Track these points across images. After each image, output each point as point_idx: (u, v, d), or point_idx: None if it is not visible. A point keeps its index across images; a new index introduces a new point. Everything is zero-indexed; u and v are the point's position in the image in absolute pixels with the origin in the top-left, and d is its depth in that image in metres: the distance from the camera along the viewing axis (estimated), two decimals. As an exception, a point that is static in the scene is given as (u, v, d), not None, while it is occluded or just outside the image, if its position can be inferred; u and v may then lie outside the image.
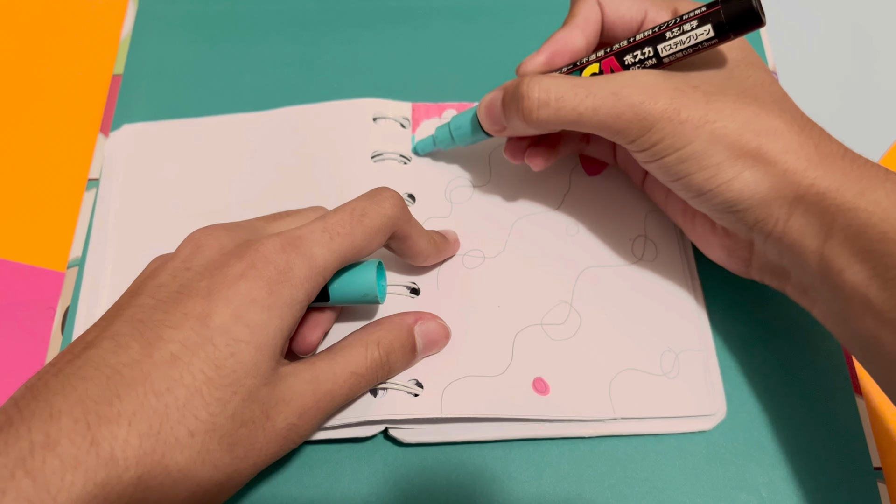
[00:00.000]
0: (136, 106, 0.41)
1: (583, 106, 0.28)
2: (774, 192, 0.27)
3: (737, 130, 0.27)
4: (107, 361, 0.23)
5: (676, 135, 0.27)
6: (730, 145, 0.27)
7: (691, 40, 0.28)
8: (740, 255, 0.31)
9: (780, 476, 0.31)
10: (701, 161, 0.27)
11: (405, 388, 0.31)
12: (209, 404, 0.24)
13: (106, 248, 0.36)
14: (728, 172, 0.27)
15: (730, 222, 0.29)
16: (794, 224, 0.27)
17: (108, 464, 0.22)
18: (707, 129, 0.27)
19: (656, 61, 0.29)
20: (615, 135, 0.29)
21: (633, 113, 0.27)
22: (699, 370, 0.33)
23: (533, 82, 0.29)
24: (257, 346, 0.25)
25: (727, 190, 0.27)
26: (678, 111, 0.27)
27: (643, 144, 0.28)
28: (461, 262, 0.35)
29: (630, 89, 0.28)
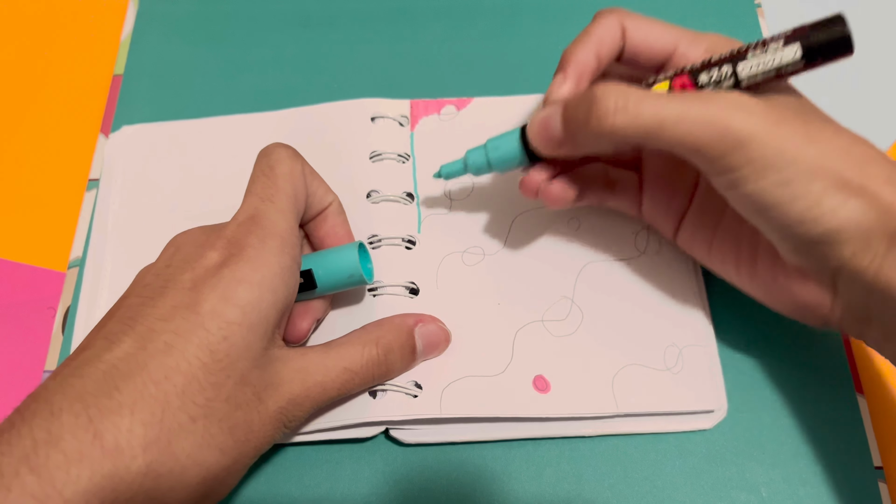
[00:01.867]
0: (136, 106, 0.41)
1: (666, 111, 0.25)
2: (878, 224, 0.24)
3: (840, 157, 0.24)
4: (102, 358, 0.24)
5: (776, 156, 0.24)
6: (834, 172, 0.24)
7: (775, 61, 0.25)
8: (820, 303, 0.27)
9: (780, 476, 0.31)
10: (802, 186, 0.24)
11: (404, 390, 0.31)
12: (205, 389, 0.24)
13: (106, 249, 0.36)
14: (833, 200, 0.24)
15: (816, 261, 0.26)
16: (891, 261, 0.24)
17: (114, 454, 0.22)
18: (811, 153, 0.24)
19: (734, 82, 0.26)
20: (697, 151, 0.25)
21: (725, 125, 0.24)
22: (703, 366, 0.33)
23: (608, 87, 0.26)
24: (249, 327, 0.25)
25: (831, 220, 0.24)
26: (778, 128, 0.24)
27: (731, 165, 0.25)
28: (461, 260, 0.35)
29: (720, 100, 0.25)
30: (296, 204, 0.29)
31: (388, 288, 0.34)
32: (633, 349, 0.33)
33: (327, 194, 0.32)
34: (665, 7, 0.44)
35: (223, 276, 0.25)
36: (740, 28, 0.43)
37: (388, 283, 0.34)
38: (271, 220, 0.27)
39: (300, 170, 0.30)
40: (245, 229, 0.27)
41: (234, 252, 0.26)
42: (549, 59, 0.42)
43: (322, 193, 0.31)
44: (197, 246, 0.27)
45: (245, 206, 0.28)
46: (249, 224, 0.27)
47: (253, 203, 0.28)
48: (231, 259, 0.26)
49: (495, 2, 0.44)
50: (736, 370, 0.33)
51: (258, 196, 0.28)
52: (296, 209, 0.29)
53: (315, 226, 0.32)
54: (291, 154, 0.30)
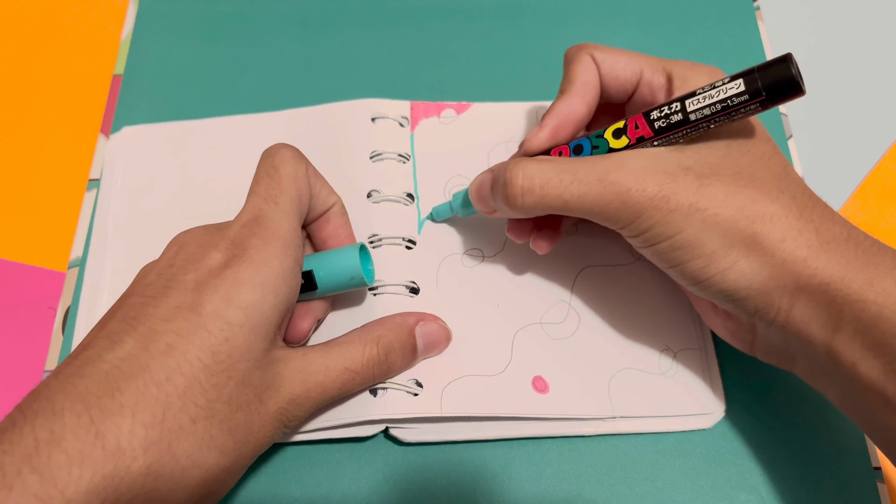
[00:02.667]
0: (136, 106, 0.41)
1: (568, 193, 0.27)
2: (774, 282, 0.26)
3: (730, 218, 0.26)
4: (104, 358, 0.24)
5: (666, 223, 0.26)
6: (723, 233, 0.26)
7: (719, 96, 0.26)
8: (744, 338, 0.29)
9: (780, 476, 0.31)
10: (693, 250, 0.26)
11: (405, 388, 0.31)
12: (206, 391, 0.24)
13: (106, 249, 0.36)
14: (722, 262, 0.26)
15: (731, 308, 0.28)
16: (797, 314, 0.26)
17: (115, 455, 0.22)
18: (698, 217, 0.26)
19: (682, 117, 0.27)
20: (604, 221, 0.28)
21: (620, 201, 0.26)
22: (698, 369, 0.33)
23: (517, 168, 0.28)
24: (251, 328, 0.25)
25: (722, 280, 0.26)
26: (667, 198, 0.26)
27: (634, 231, 0.27)
28: (461, 261, 0.35)
29: (617, 174, 0.27)
30: (299, 205, 0.29)
31: (388, 287, 0.34)
32: (629, 353, 0.33)
33: (330, 196, 0.32)
34: (664, 12, 0.44)
35: (226, 277, 0.25)
36: (739, 31, 0.43)
37: (389, 283, 0.34)
38: (274, 222, 0.27)
39: (304, 171, 0.30)
40: (248, 230, 0.27)
41: (237, 253, 0.26)
42: (549, 61, 0.42)
43: (325, 195, 0.31)
44: (200, 246, 0.27)
45: (248, 207, 0.28)
46: (253, 225, 0.27)
47: (256, 204, 0.28)
48: (234, 260, 0.26)
49: (495, 3, 0.44)
50: (736, 371, 0.33)
51: (262, 197, 0.28)
52: (299, 210, 0.29)
53: (317, 227, 0.32)
54: (296, 155, 0.30)
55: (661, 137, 0.27)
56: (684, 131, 0.27)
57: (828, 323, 0.25)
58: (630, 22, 0.44)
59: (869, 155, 0.41)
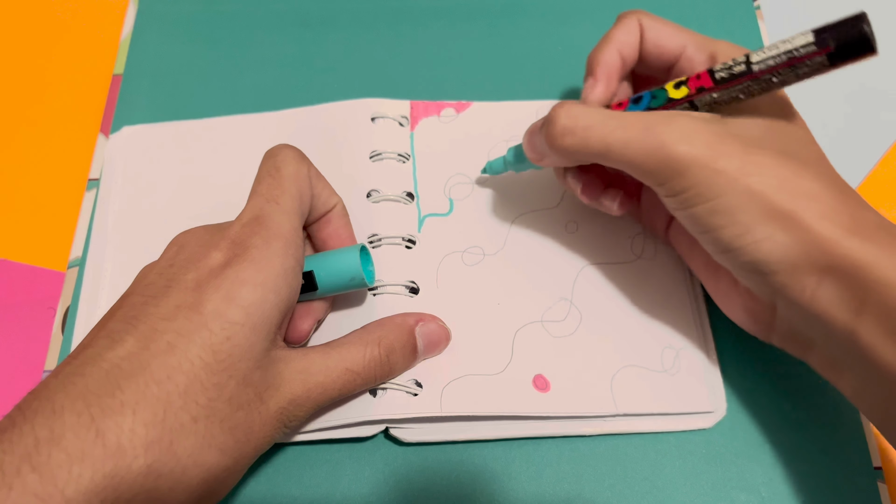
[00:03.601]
0: (136, 106, 0.41)
1: (612, 137, 0.27)
2: (805, 259, 0.25)
3: (774, 188, 0.25)
4: (104, 357, 0.24)
5: (710, 184, 0.26)
6: (765, 203, 0.25)
7: (787, 45, 0.25)
8: (763, 319, 0.29)
9: (780, 476, 0.31)
10: (733, 216, 0.26)
11: (404, 388, 0.31)
12: (207, 389, 0.24)
13: (106, 250, 0.36)
14: (759, 232, 0.25)
15: (754, 283, 0.27)
16: (823, 294, 0.25)
17: (116, 454, 0.22)
18: (743, 183, 0.25)
19: (745, 68, 0.26)
20: (644, 175, 0.27)
21: (666, 153, 0.26)
22: (700, 367, 0.33)
23: (562, 107, 0.28)
24: (252, 327, 0.25)
25: (756, 250, 0.26)
26: (715, 158, 0.25)
27: (673, 189, 0.26)
28: (461, 260, 0.35)
29: (665, 127, 0.26)
30: (300, 206, 0.29)
31: (388, 287, 0.34)
32: (631, 351, 0.33)
33: (332, 196, 0.32)
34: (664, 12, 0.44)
35: (227, 276, 0.25)
36: (739, 30, 0.43)
37: (389, 283, 0.34)
38: (276, 222, 0.27)
39: (306, 171, 0.30)
40: (249, 230, 0.27)
41: (238, 253, 0.26)
42: (549, 61, 0.42)
43: (326, 196, 0.31)
44: (201, 245, 0.27)
45: (250, 207, 0.28)
46: (254, 225, 0.27)
47: (258, 204, 0.28)
48: (235, 260, 0.26)
49: (495, 2, 0.44)
50: (736, 371, 0.33)
51: (263, 197, 0.28)
52: (300, 211, 0.29)
53: (318, 227, 0.32)
54: (298, 156, 0.30)
55: (722, 88, 0.27)
56: (745, 83, 0.27)
57: (852, 305, 0.25)
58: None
59: (869, 155, 0.41)
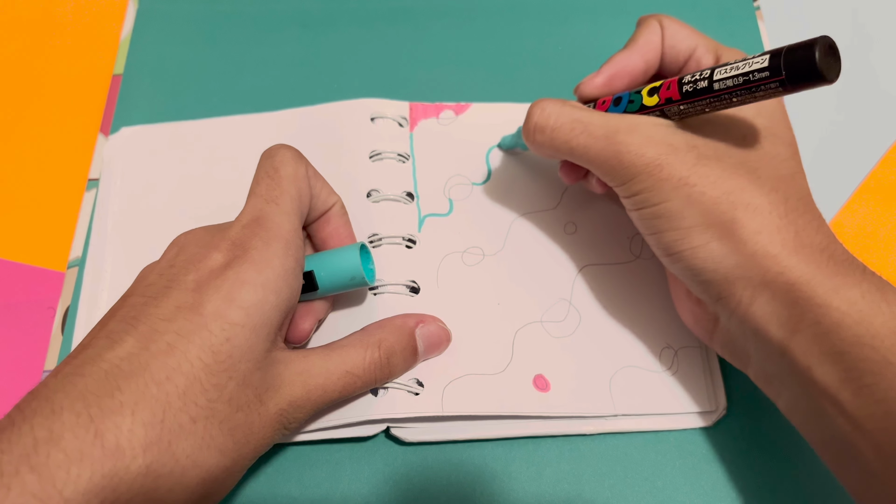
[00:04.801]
0: (136, 106, 0.41)
1: (574, 142, 0.29)
2: (740, 271, 0.26)
3: (715, 198, 0.26)
4: (104, 357, 0.23)
5: (655, 189, 0.27)
6: (704, 211, 0.26)
7: (742, 68, 0.25)
8: (705, 326, 0.30)
9: (780, 476, 0.31)
10: (672, 221, 0.27)
11: (406, 388, 0.31)
12: (207, 390, 0.24)
13: (105, 250, 0.36)
14: (696, 239, 0.27)
15: (697, 290, 0.28)
16: (757, 309, 0.26)
17: (115, 454, 0.22)
18: (685, 191, 0.27)
19: (707, 84, 0.27)
20: (603, 175, 0.29)
21: (619, 160, 0.28)
22: (698, 367, 0.33)
23: (539, 105, 0.30)
24: (252, 328, 0.25)
25: (692, 257, 0.27)
26: (661, 167, 0.27)
27: (626, 191, 0.28)
28: (461, 260, 0.35)
29: (624, 135, 0.28)
30: (300, 206, 0.29)
31: (388, 287, 0.34)
32: (630, 351, 0.33)
33: (330, 196, 0.32)
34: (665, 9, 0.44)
35: (227, 277, 0.25)
36: (739, 30, 0.44)
37: (389, 282, 0.34)
38: (275, 223, 0.27)
39: (304, 171, 0.30)
40: (249, 231, 0.27)
41: (238, 254, 0.26)
42: (549, 61, 0.42)
43: (325, 195, 0.31)
44: (201, 246, 0.27)
45: (249, 208, 0.28)
46: (254, 226, 0.27)
47: (257, 205, 0.28)
48: (235, 261, 0.26)
49: (495, 3, 0.44)
50: (736, 370, 0.33)
51: (262, 198, 0.28)
52: (300, 211, 0.29)
53: (318, 227, 0.32)
54: (296, 156, 0.30)
55: (687, 102, 0.28)
56: (708, 100, 0.27)
57: (787, 323, 0.25)
58: (630, 22, 0.43)
59: (869, 155, 0.41)
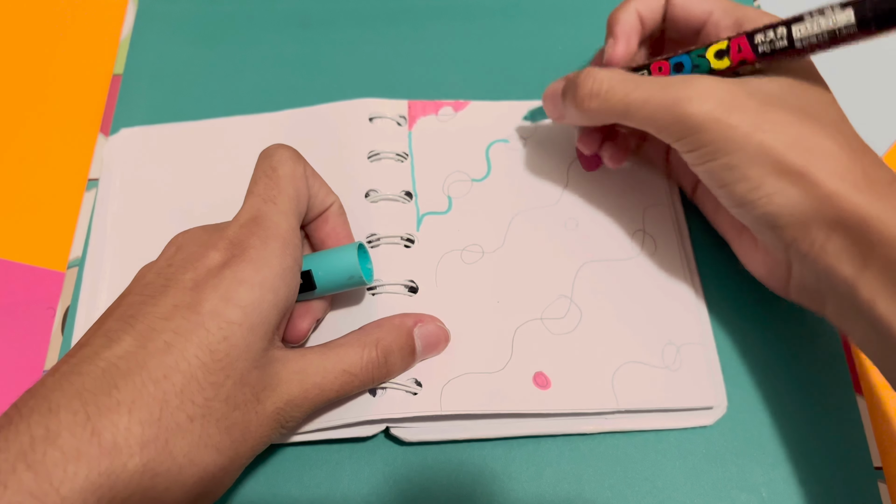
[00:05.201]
0: (136, 106, 0.41)
1: (632, 97, 0.29)
2: (815, 213, 0.26)
3: (786, 144, 0.26)
4: (101, 356, 0.24)
5: (724, 140, 0.27)
6: (777, 159, 0.26)
7: (828, 24, 0.25)
8: (779, 275, 0.30)
9: (780, 476, 0.31)
10: (745, 171, 0.27)
11: (404, 387, 0.31)
12: (204, 389, 0.24)
13: (105, 250, 0.36)
14: (770, 186, 0.27)
15: (769, 238, 0.28)
16: (830, 248, 0.26)
17: (112, 452, 0.22)
18: (756, 139, 0.26)
19: (787, 44, 0.26)
20: (662, 131, 0.29)
21: (681, 110, 0.27)
22: (701, 363, 0.33)
23: (588, 73, 0.30)
24: (250, 327, 0.25)
25: (767, 204, 0.27)
26: (728, 115, 0.27)
27: (690, 145, 0.28)
28: (460, 258, 0.35)
29: (682, 86, 0.28)
30: (297, 205, 0.29)
31: (387, 286, 0.34)
32: (632, 347, 0.33)
33: (328, 195, 0.32)
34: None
35: (225, 276, 0.25)
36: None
37: (388, 282, 0.34)
38: (273, 222, 0.27)
39: (302, 171, 0.30)
40: (247, 230, 0.27)
41: (236, 253, 0.26)
42: (548, 60, 0.42)
43: (323, 195, 0.31)
44: (199, 245, 0.27)
45: (247, 207, 0.28)
46: (251, 225, 0.27)
47: (255, 204, 0.28)
48: (233, 260, 0.26)
49: (495, 3, 0.44)
50: (736, 370, 0.33)
51: (260, 197, 0.28)
52: (297, 210, 0.29)
53: (316, 227, 0.32)
54: (293, 155, 0.30)
55: (765, 61, 0.27)
56: (785, 56, 0.27)
57: (857, 258, 0.26)
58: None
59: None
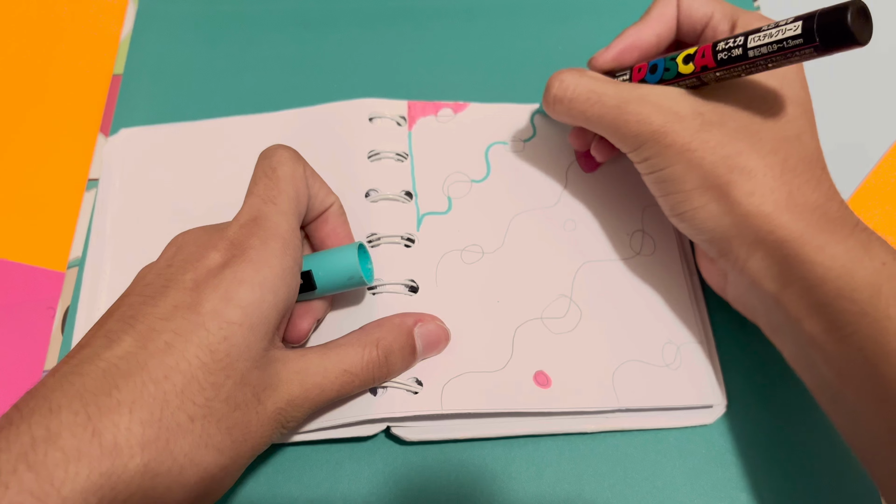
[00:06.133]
0: (136, 106, 0.41)
1: (590, 112, 0.31)
2: (735, 230, 0.28)
3: (712, 163, 0.28)
4: (102, 356, 0.24)
5: (661, 155, 0.29)
6: (703, 175, 0.28)
7: (776, 36, 0.26)
8: (717, 281, 0.32)
9: (780, 476, 0.31)
10: (676, 184, 0.29)
11: (405, 387, 0.31)
12: (205, 389, 0.24)
13: (104, 250, 0.36)
14: (696, 201, 0.29)
15: (704, 248, 0.30)
16: (752, 265, 0.28)
17: (113, 453, 0.22)
18: (686, 157, 0.28)
19: (741, 52, 0.27)
20: (616, 142, 0.31)
21: (628, 128, 0.30)
22: (701, 362, 0.33)
23: (558, 76, 0.32)
24: (250, 327, 0.25)
25: (693, 217, 0.29)
26: (666, 134, 0.29)
27: (637, 157, 0.30)
28: (460, 258, 0.35)
29: (634, 105, 0.30)
30: (297, 205, 0.29)
31: (387, 286, 0.34)
32: (632, 346, 0.33)
33: (328, 196, 0.32)
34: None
35: (225, 276, 0.25)
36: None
37: (388, 282, 0.34)
38: (273, 222, 0.27)
39: (302, 172, 0.30)
40: (247, 230, 0.27)
41: (236, 253, 0.26)
42: (547, 61, 0.42)
43: (323, 195, 0.31)
44: (199, 246, 0.27)
45: (247, 208, 0.28)
46: (252, 225, 0.27)
47: (255, 204, 0.28)
48: (233, 260, 0.26)
49: (494, 3, 0.45)
50: (735, 370, 0.33)
51: (260, 197, 0.28)
52: (297, 211, 0.29)
53: (316, 227, 0.32)
54: (293, 156, 0.30)
55: (723, 69, 0.28)
56: (743, 66, 0.28)
57: (779, 278, 0.27)
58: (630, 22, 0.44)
59: (869, 155, 0.41)
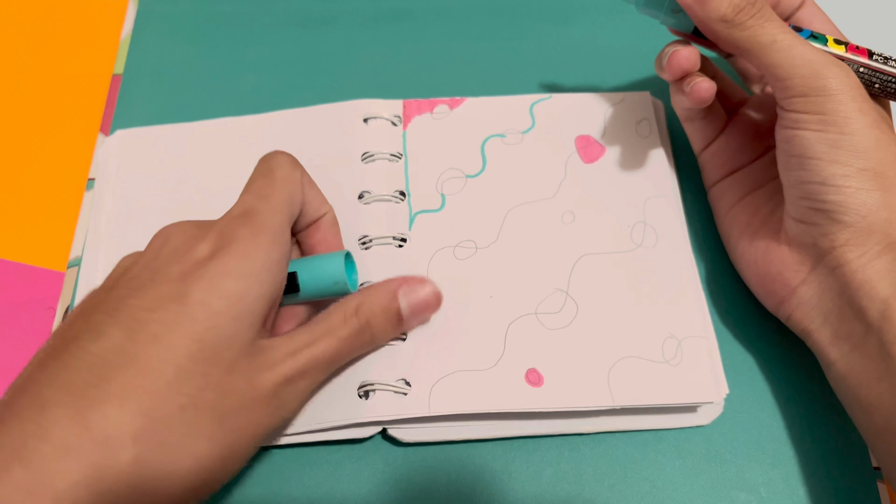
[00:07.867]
0: (136, 106, 0.41)
1: (781, 35, 0.28)
2: (882, 225, 0.27)
3: (890, 158, 0.27)
4: (89, 350, 0.24)
5: (851, 118, 0.27)
6: (882, 160, 0.27)
7: None
8: (781, 288, 0.30)
9: (779, 476, 0.31)
10: (847, 155, 0.27)
11: (393, 388, 0.31)
12: (194, 378, 0.24)
13: (99, 251, 0.36)
14: (860, 182, 0.27)
15: (814, 229, 0.28)
16: (877, 265, 0.27)
17: (104, 445, 0.22)
18: (874, 134, 0.27)
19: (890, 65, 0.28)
20: (786, 79, 0.28)
21: (822, 72, 0.27)
22: (703, 357, 0.32)
23: None
24: (235, 317, 0.25)
25: (850, 195, 0.27)
26: (859, 102, 0.27)
27: (812, 106, 0.28)
28: (452, 254, 0.35)
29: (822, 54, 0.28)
30: (290, 207, 0.29)
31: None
32: (630, 341, 0.32)
33: (323, 205, 0.32)
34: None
35: (211, 267, 0.25)
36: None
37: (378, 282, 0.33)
38: (263, 216, 0.27)
39: (299, 177, 0.30)
40: (237, 223, 0.27)
41: (223, 244, 0.26)
42: (547, 61, 0.42)
43: (318, 204, 0.31)
44: (187, 238, 0.27)
45: (240, 202, 0.28)
46: (242, 218, 0.27)
47: (248, 200, 0.28)
48: (219, 251, 0.26)
49: (492, 3, 0.44)
50: (735, 369, 0.33)
51: (254, 194, 0.28)
52: (290, 212, 0.29)
53: (308, 234, 0.32)
54: (292, 161, 0.30)
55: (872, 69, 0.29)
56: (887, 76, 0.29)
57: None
58: (629, 22, 0.44)
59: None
